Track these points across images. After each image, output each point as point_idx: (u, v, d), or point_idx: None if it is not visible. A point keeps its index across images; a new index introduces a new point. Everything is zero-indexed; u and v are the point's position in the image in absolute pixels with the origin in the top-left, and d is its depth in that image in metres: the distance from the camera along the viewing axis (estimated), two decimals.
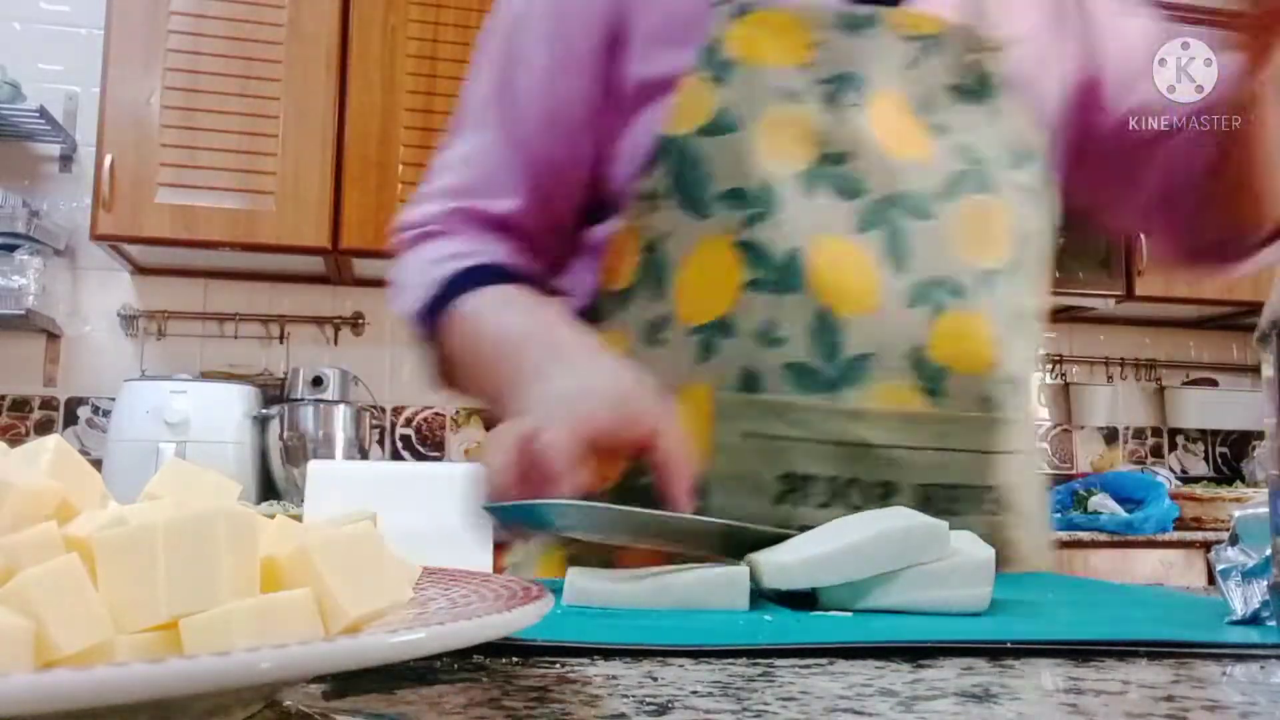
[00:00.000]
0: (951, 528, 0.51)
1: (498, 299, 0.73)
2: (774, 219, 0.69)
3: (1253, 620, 0.46)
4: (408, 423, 2.70)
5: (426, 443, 2.70)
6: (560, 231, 0.80)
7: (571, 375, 0.64)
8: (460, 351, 0.74)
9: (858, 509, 0.65)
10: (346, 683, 0.34)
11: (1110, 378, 3.25)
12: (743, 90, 0.71)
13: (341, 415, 2.42)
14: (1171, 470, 3.18)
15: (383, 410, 2.68)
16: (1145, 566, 2.47)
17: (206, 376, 2.47)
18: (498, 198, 0.78)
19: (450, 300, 0.73)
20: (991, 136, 0.74)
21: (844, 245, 0.70)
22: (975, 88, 0.75)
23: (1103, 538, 2.45)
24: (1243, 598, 0.47)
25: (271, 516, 0.32)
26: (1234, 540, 0.50)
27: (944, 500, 0.70)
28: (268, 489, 2.40)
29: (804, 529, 0.57)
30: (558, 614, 0.48)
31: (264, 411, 2.38)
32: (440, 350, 0.76)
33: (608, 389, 0.62)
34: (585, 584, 0.52)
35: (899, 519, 0.51)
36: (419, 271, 0.77)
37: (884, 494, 0.69)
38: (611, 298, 0.76)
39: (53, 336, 2.54)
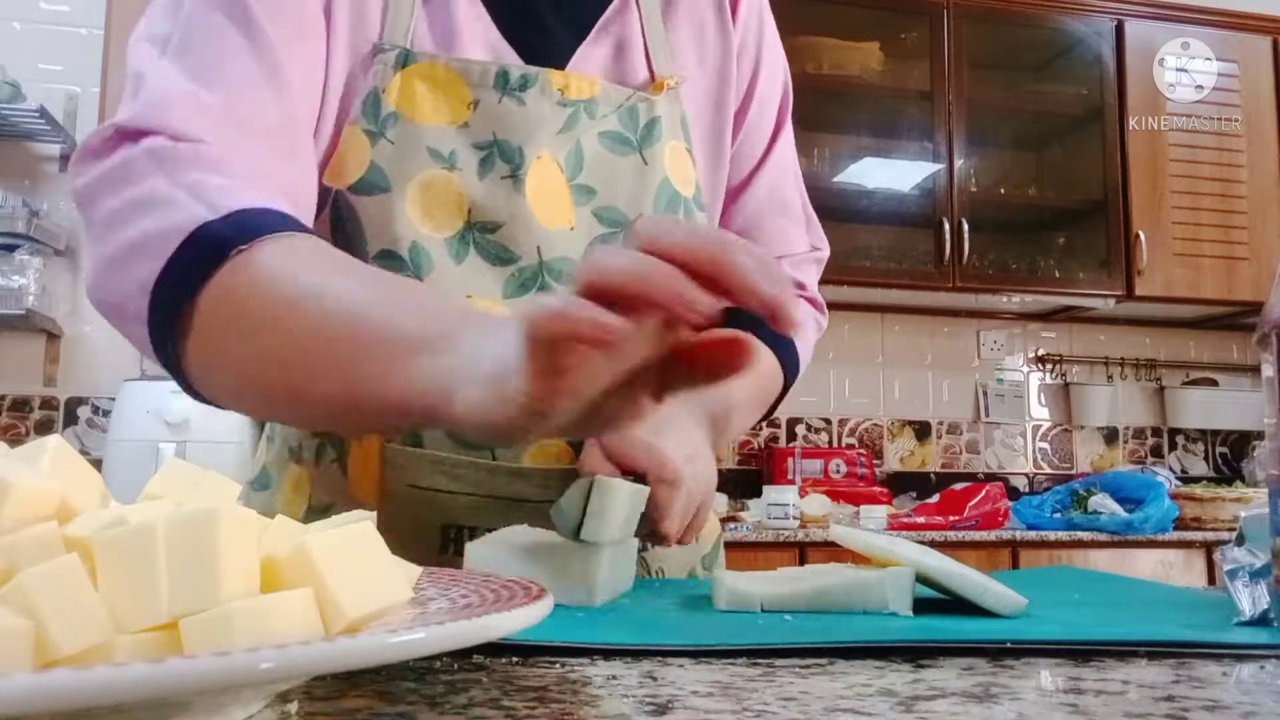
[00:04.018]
0: None
1: (313, 255, 0.54)
2: (424, 281, 0.68)
3: (1261, 621, 0.46)
4: None
5: None
6: None
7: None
8: (253, 326, 0.51)
9: None
10: (346, 683, 0.34)
11: (1110, 378, 3.25)
12: (398, 147, 0.69)
13: None
14: (1171, 470, 3.18)
15: None
16: (1145, 566, 2.47)
17: None
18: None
19: (223, 251, 0.52)
20: (640, 190, 0.74)
21: (494, 311, 0.69)
22: (629, 139, 0.75)
23: (1103, 538, 2.45)
24: (1250, 598, 0.47)
25: (271, 516, 0.32)
26: (1240, 540, 0.50)
27: None
28: None
29: None
30: (558, 614, 0.48)
31: None
32: (197, 324, 0.53)
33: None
34: (741, 586, 0.52)
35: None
36: (148, 200, 0.55)
37: None
38: None
39: (53, 336, 2.54)
